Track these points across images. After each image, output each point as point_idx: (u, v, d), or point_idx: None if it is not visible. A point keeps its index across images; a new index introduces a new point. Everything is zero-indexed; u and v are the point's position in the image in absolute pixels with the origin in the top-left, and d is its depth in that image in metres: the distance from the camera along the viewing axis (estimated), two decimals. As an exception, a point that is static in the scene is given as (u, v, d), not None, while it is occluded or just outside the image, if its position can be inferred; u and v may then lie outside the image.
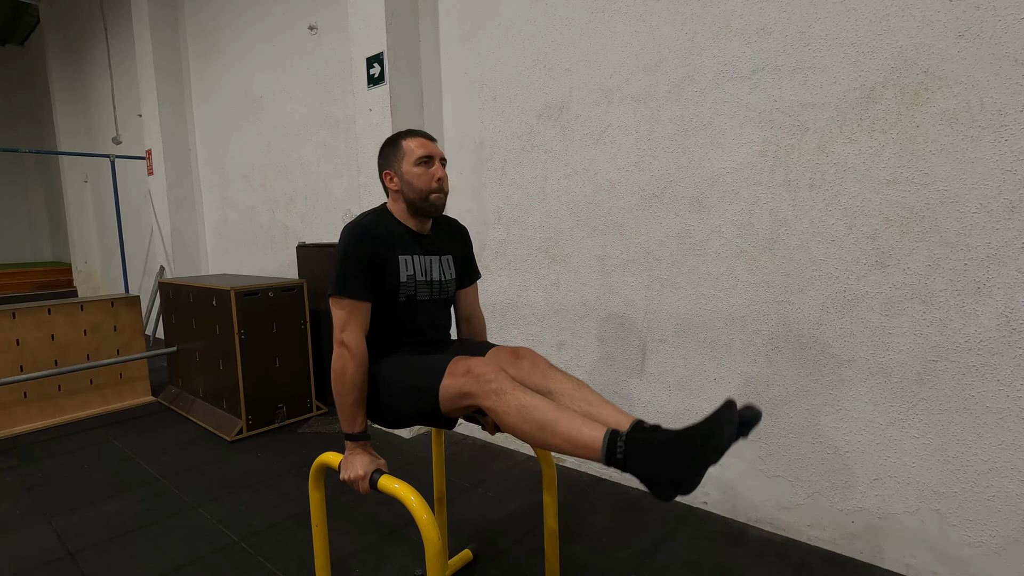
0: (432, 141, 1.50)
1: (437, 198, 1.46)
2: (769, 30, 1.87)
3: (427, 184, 1.44)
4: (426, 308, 1.51)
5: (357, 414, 1.35)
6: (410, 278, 1.46)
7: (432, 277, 1.51)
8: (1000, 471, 1.58)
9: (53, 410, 3.42)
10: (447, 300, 1.60)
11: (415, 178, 1.44)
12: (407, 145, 1.47)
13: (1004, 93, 1.49)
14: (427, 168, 1.45)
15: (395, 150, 1.48)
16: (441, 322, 1.59)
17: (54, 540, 2.08)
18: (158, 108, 4.99)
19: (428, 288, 1.50)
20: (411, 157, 1.45)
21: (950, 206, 1.59)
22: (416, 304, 1.48)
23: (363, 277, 1.36)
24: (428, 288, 1.50)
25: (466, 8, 2.77)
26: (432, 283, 1.51)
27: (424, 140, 1.48)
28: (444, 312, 1.60)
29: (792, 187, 1.87)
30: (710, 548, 1.93)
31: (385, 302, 1.43)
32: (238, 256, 4.87)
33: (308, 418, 3.36)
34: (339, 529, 2.07)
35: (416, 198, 1.45)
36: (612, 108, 2.30)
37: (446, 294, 1.57)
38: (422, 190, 1.44)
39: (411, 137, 1.48)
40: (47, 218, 10.34)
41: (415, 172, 1.44)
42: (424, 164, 1.45)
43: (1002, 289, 1.53)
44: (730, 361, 2.07)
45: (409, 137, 1.48)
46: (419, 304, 1.49)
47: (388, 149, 1.51)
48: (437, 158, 1.47)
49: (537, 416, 1.15)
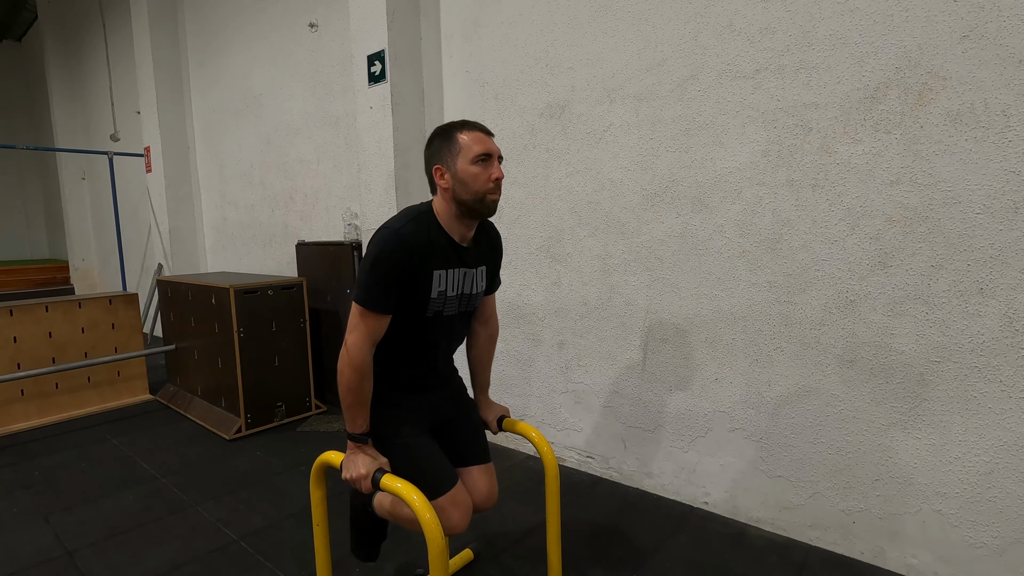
0: (490, 136, 1.35)
1: (493, 200, 1.33)
2: (773, 29, 1.87)
3: (483, 185, 1.30)
4: (450, 323, 1.44)
5: (357, 415, 1.33)
6: (441, 294, 1.36)
7: (464, 291, 1.42)
8: (1002, 472, 1.58)
9: (51, 408, 3.41)
10: (471, 313, 1.53)
11: (471, 178, 1.30)
12: (463, 139, 1.31)
13: (1008, 94, 1.49)
14: (485, 168, 1.31)
15: (449, 143, 1.33)
16: (460, 334, 1.53)
17: (52, 539, 2.07)
18: (157, 105, 4.96)
19: (457, 302, 1.42)
20: (468, 154, 1.30)
21: (953, 207, 1.59)
22: (442, 319, 1.40)
23: (388, 290, 1.28)
24: (457, 302, 1.42)
25: (468, 5, 2.77)
26: (462, 297, 1.42)
27: (482, 135, 1.33)
28: (466, 324, 1.54)
29: (795, 187, 1.86)
30: (711, 548, 1.93)
31: (411, 316, 1.36)
32: (237, 254, 4.86)
33: (307, 416, 3.35)
34: (340, 528, 2.06)
35: (470, 199, 1.31)
36: (614, 107, 2.29)
37: (473, 306, 1.49)
38: (477, 191, 1.30)
39: (468, 130, 1.33)
40: (44, 215, 10.31)
41: (472, 171, 1.30)
42: (482, 163, 1.30)
43: (1005, 290, 1.53)
44: (732, 361, 2.06)
45: (465, 130, 1.33)
46: (445, 319, 1.41)
47: (440, 141, 1.35)
48: (495, 155, 1.33)
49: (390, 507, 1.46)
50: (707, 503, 2.19)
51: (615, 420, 2.43)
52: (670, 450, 2.27)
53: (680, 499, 2.25)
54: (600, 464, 2.51)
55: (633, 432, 2.38)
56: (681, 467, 2.24)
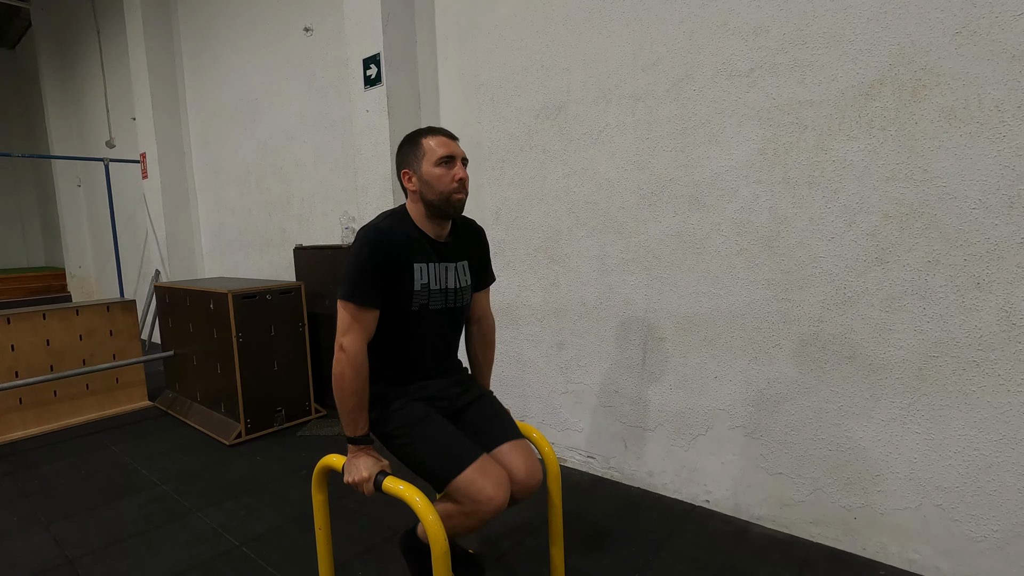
0: (454, 140, 1.43)
1: (458, 199, 1.40)
2: (767, 28, 1.87)
3: (447, 186, 1.38)
4: (438, 318, 1.46)
5: (358, 418, 1.34)
6: (424, 287, 1.40)
7: (447, 285, 1.45)
8: (1002, 466, 1.58)
9: (49, 416, 3.40)
10: (462, 309, 1.53)
11: (435, 179, 1.37)
12: (427, 144, 1.40)
13: (1002, 89, 1.50)
14: (448, 169, 1.38)
15: (415, 148, 1.41)
16: (450, 335, 1.52)
17: (52, 547, 2.06)
18: (152, 111, 4.96)
19: (442, 297, 1.44)
20: (431, 156, 1.38)
21: (949, 202, 1.59)
22: (429, 314, 1.43)
23: (373, 284, 1.32)
24: (442, 297, 1.44)
25: (463, 8, 2.77)
26: (447, 291, 1.45)
27: (445, 139, 1.41)
28: (457, 322, 1.53)
29: (791, 184, 1.87)
30: (713, 546, 1.93)
31: (397, 310, 1.39)
32: (234, 259, 4.85)
33: (307, 421, 3.35)
34: (342, 532, 2.06)
35: (435, 199, 1.39)
36: (610, 107, 2.30)
37: (461, 302, 1.50)
38: (442, 192, 1.38)
39: (432, 135, 1.41)
40: (40, 223, 10.28)
41: (435, 173, 1.37)
42: (445, 164, 1.38)
43: (1002, 284, 1.54)
44: (731, 359, 2.07)
45: (430, 135, 1.41)
46: (431, 314, 1.44)
47: (407, 147, 1.44)
48: (459, 158, 1.40)
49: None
50: (708, 501, 2.19)
51: (615, 420, 2.44)
52: (671, 449, 2.27)
53: (681, 498, 2.26)
54: (601, 464, 2.51)
55: (633, 431, 2.38)
56: (682, 466, 2.25)
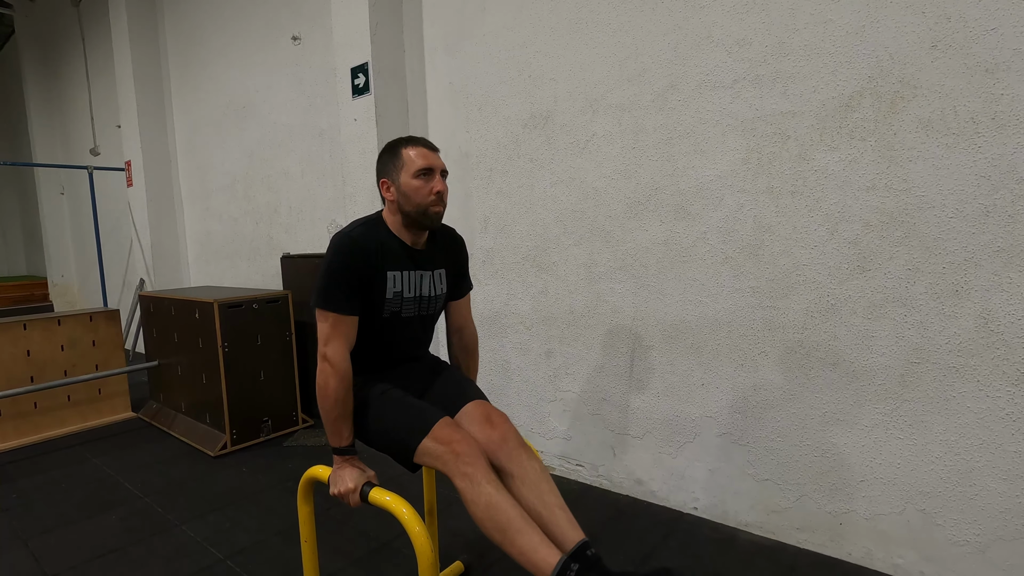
0: (434, 151, 1.42)
1: (435, 212, 1.39)
2: (749, 41, 1.91)
3: (425, 198, 1.36)
4: (409, 325, 1.46)
5: (343, 428, 1.33)
6: (396, 295, 1.40)
7: (421, 293, 1.45)
8: (982, 470, 1.61)
9: (29, 428, 3.33)
10: (433, 316, 1.54)
11: (413, 191, 1.36)
12: (407, 155, 1.38)
13: (976, 101, 1.53)
14: (426, 181, 1.37)
15: (394, 158, 1.40)
16: (421, 337, 1.53)
17: (31, 563, 2.02)
18: (138, 119, 4.92)
19: (415, 304, 1.45)
20: (410, 168, 1.37)
21: (928, 211, 1.63)
22: (400, 320, 1.43)
23: (348, 291, 1.32)
24: (415, 304, 1.45)
25: (451, 18, 2.79)
26: (420, 299, 1.45)
27: (425, 151, 1.40)
28: (428, 329, 1.55)
29: (775, 194, 1.90)
30: (700, 553, 1.94)
31: (367, 317, 1.39)
32: (221, 268, 4.81)
33: (294, 431, 3.31)
34: (328, 544, 2.04)
35: (413, 211, 1.38)
36: (597, 117, 2.32)
37: (433, 310, 1.51)
38: (419, 204, 1.37)
39: (412, 146, 1.40)
40: (22, 231, 10.11)
41: (413, 185, 1.36)
42: (424, 177, 1.37)
43: (979, 291, 1.57)
44: (717, 366, 2.08)
45: (410, 146, 1.40)
46: (402, 321, 1.44)
47: (387, 156, 1.42)
48: (438, 170, 1.39)
49: (501, 520, 1.16)
50: (696, 508, 2.20)
51: (603, 427, 2.44)
52: (659, 456, 2.28)
53: (670, 505, 2.26)
54: (589, 472, 2.51)
55: (622, 439, 2.39)
56: (670, 473, 2.25)
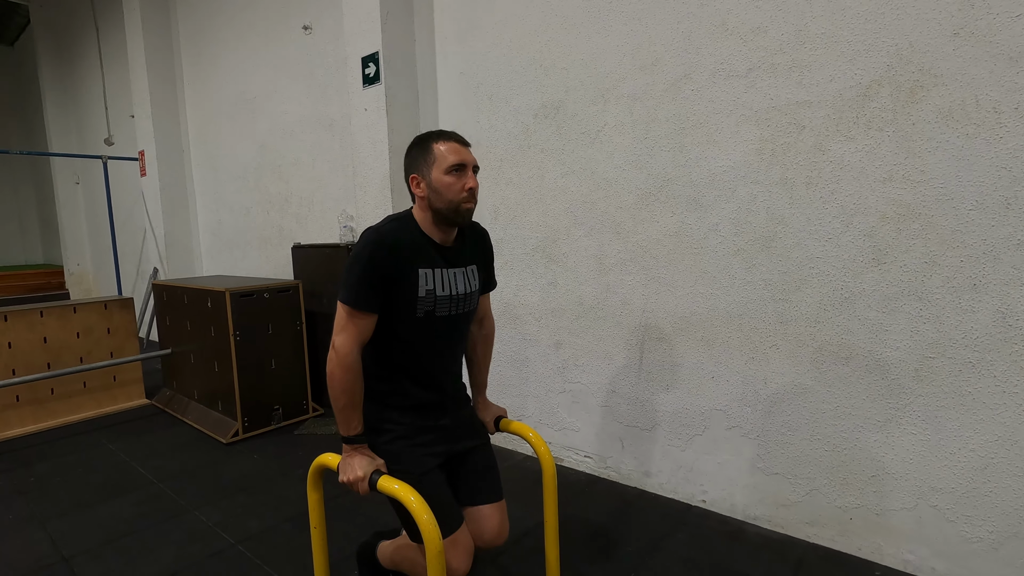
0: (466, 146, 1.38)
1: (467, 209, 1.35)
2: (765, 29, 1.87)
3: (457, 195, 1.33)
4: (445, 325, 1.42)
5: (351, 417, 1.33)
6: (429, 293, 1.36)
7: (456, 291, 1.41)
8: (997, 466, 1.58)
9: (45, 414, 3.39)
10: (468, 315, 1.49)
11: (445, 188, 1.32)
12: (438, 149, 1.34)
13: (999, 91, 1.50)
14: (459, 177, 1.33)
15: (425, 153, 1.36)
16: (456, 342, 1.48)
17: (48, 545, 2.06)
18: (151, 109, 4.95)
19: (449, 303, 1.40)
20: (442, 164, 1.33)
21: (946, 203, 1.59)
22: (435, 320, 1.39)
23: (371, 288, 1.29)
24: (449, 303, 1.40)
25: (461, 7, 2.77)
26: (454, 297, 1.41)
27: (457, 145, 1.36)
28: (463, 330, 1.49)
29: (789, 185, 1.87)
30: (708, 546, 1.93)
31: (401, 316, 1.35)
32: (232, 257, 4.84)
33: (304, 420, 3.34)
34: (337, 531, 2.06)
35: (444, 208, 1.34)
36: (609, 107, 2.30)
37: (468, 307, 1.47)
38: (452, 201, 1.33)
39: (443, 140, 1.36)
40: (38, 220, 10.26)
41: (445, 181, 1.32)
42: (456, 172, 1.33)
43: (998, 286, 1.54)
44: (728, 359, 2.07)
45: (441, 140, 1.36)
46: (438, 320, 1.40)
47: (417, 151, 1.38)
48: (470, 166, 1.36)
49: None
50: (705, 501, 2.19)
51: (612, 419, 2.44)
52: (667, 449, 2.27)
53: (678, 497, 2.26)
54: (598, 463, 2.51)
55: (630, 431, 2.38)
56: (679, 465, 2.25)
